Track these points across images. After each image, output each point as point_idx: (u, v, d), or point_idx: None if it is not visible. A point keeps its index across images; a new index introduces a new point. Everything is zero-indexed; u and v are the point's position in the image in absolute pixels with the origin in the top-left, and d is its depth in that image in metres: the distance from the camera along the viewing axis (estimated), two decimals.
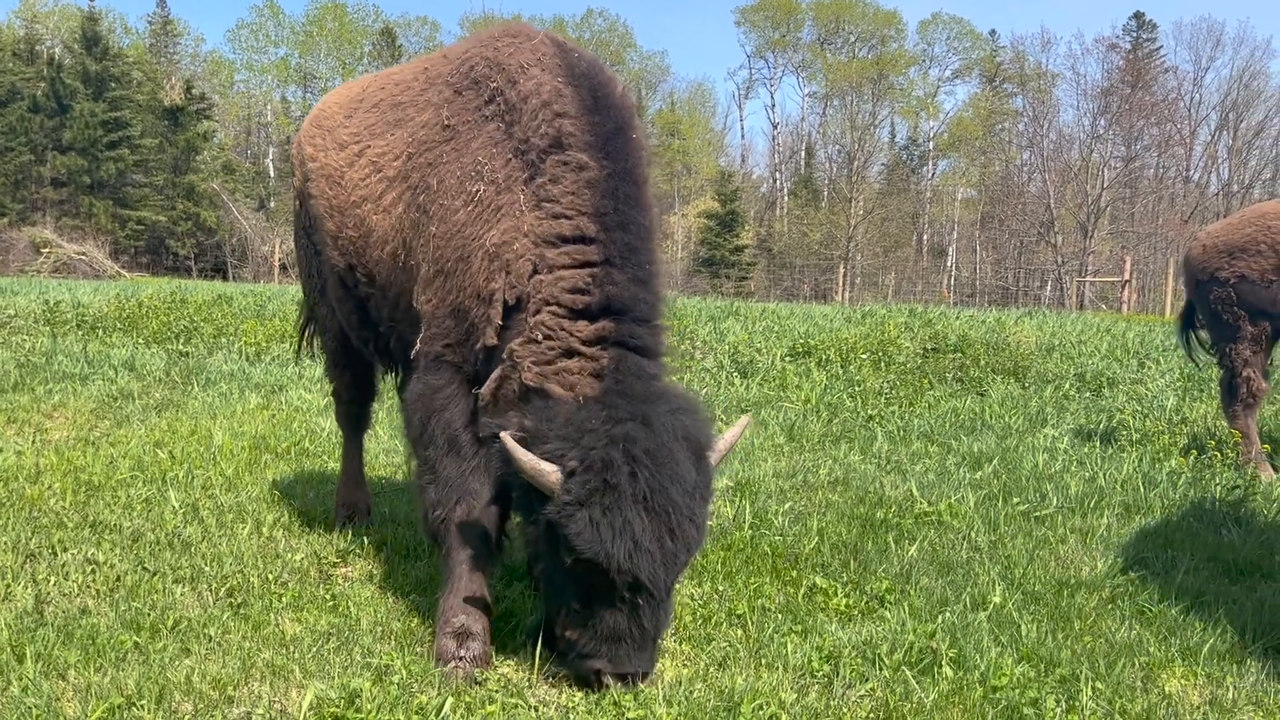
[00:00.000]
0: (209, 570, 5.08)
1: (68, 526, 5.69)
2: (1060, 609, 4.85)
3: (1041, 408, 10.81)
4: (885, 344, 14.03)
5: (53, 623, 4.32)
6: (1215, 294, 8.49)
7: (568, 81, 4.30)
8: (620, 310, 3.99)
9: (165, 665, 3.94)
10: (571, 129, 4.17)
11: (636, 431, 3.70)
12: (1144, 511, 6.81)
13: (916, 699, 3.81)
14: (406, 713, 3.56)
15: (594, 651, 3.80)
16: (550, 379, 3.92)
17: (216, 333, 15.02)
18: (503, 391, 4.06)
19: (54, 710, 3.53)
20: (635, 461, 3.64)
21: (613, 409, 3.77)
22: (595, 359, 3.93)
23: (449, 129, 4.54)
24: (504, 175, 4.26)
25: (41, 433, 8.43)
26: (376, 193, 4.85)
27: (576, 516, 3.62)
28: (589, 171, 4.10)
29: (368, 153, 5.02)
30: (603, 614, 3.75)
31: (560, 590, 3.87)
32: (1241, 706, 3.95)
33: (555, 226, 4.05)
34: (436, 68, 4.97)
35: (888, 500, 6.78)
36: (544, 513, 3.73)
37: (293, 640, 4.25)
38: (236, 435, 8.45)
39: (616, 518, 3.59)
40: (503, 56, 4.54)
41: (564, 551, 3.70)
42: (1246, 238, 8.38)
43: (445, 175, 4.43)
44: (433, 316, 4.40)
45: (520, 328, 4.05)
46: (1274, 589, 5.32)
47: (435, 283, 4.38)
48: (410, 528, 5.93)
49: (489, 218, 4.22)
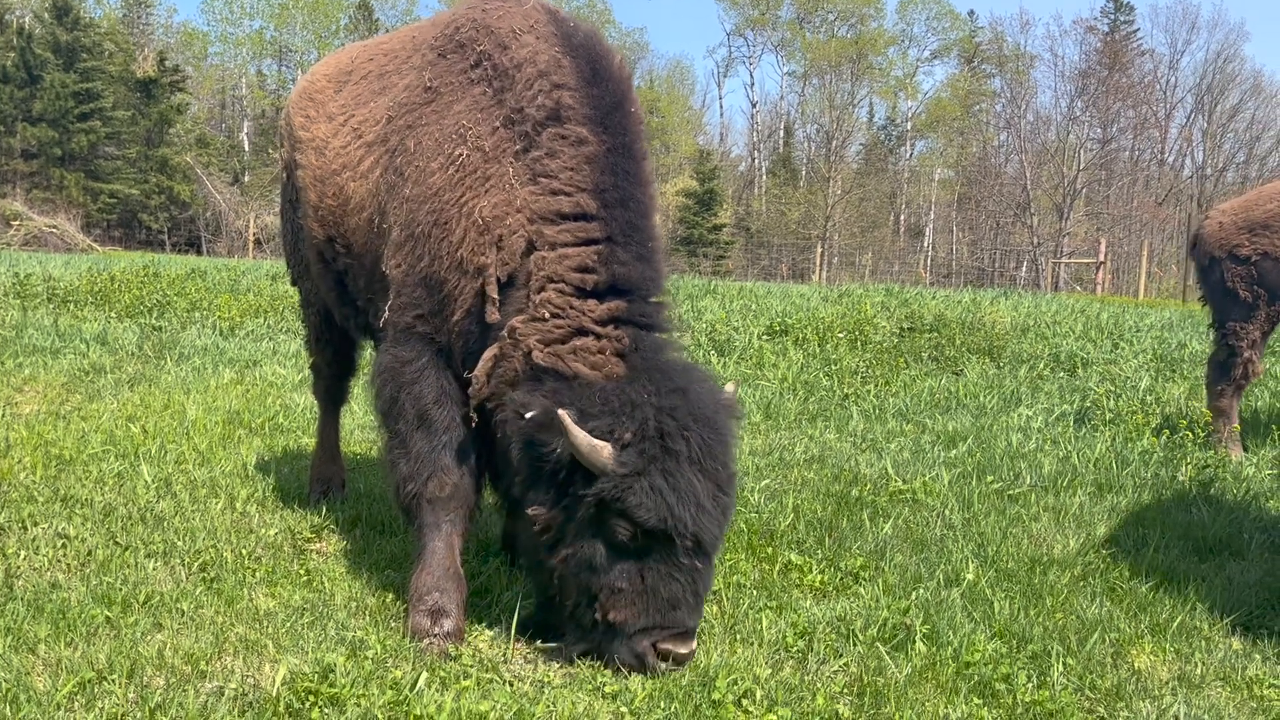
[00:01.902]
0: (182, 545, 5.04)
1: (38, 501, 5.63)
2: (1032, 586, 4.88)
3: (1016, 387, 10.88)
4: (862, 323, 14.06)
5: (22, 597, 4.27)
6: (1233, 271, 8.32)
7: (565, 51, 4.22)
8: (628, 289, 3.99)
9: (137, 640, 3.91)
10: (571, 101, 4.10)
11: (680, 401, 3.76)
12: (1116, 490, 6.87)
13: (890, 674, 3.83)
14: (381, 687, 3.55)
15: (649, 625, 3.75)
16: (570, 358, 3.87)
17: (190, 307, 14.90)
18: (499, 370, 4.00)
19: (24, 684, 3.49)
20: (687, 429, 3.70)
21: (652, 383, 3.81)
22: (615, 338, 3.92)
23: (430, 90, 4.44)
24: (491, 143, 4.16)
25: (11, 406, 8.34)
26: (355, 159, 4.78)
27: (636, 487, 3.62)
28: (588, 146, 4.05)
29: (350, 121, 4.94)
30: (658, 584, 3.72)
31: (600, 573, 3.76)
32: (1210, 682, 3.99)
33: (554, 203, 4.00)
34: (423, 34, 4.89)
35: (863, 478, 6.81)
36: (592, 491, 3.67)
37: (266, 615, 4.23)
38: (210, 410, 8.39)
39: (679, 481, 3.64)
40: (491, 20, 4.44)
41: (617, 527, 3.69)
42: (1269, 214, 8.26)
43: (423, 137, 4.34)
44: (402, 284, 4.29)
45: (518, 305, 3.99)
46: (1242, 567, 5.38)
47: (405, 247, 4.27)
48: (385, 503, 5.90)
49: (475, 185, 4.12)
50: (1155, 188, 62.19)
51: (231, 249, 50.49)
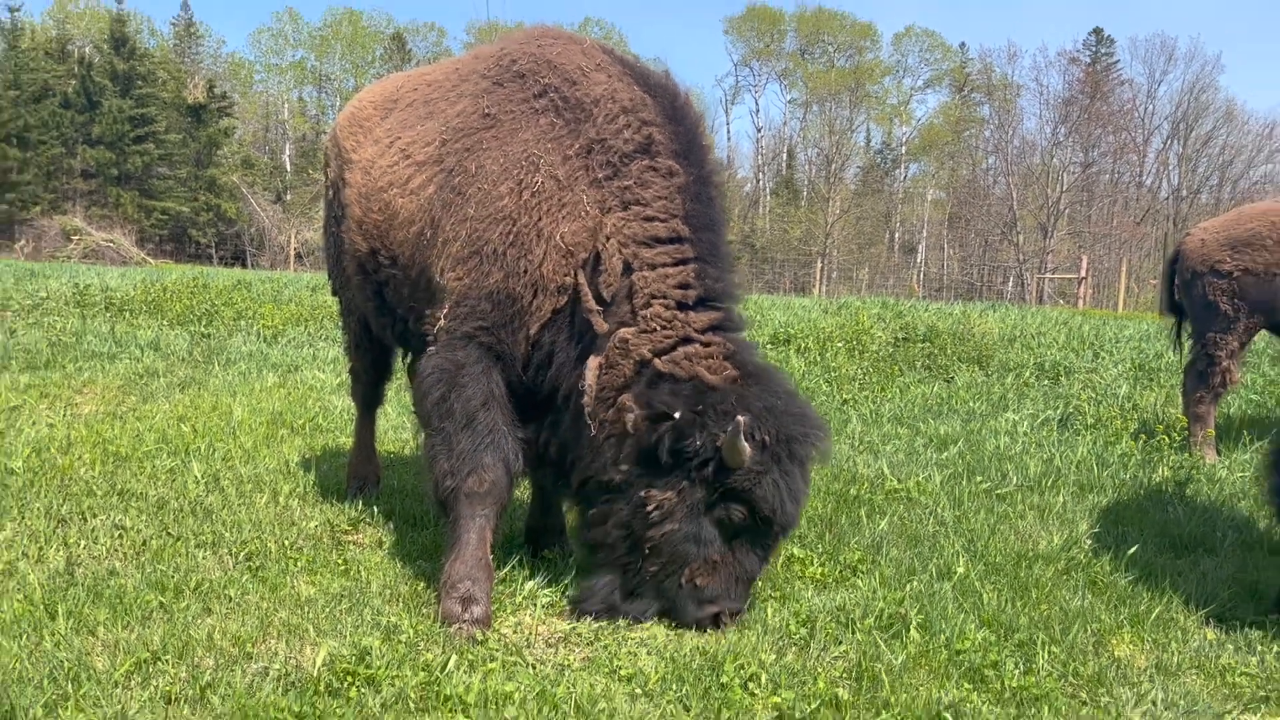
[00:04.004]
0: (229, 536, 5.07)
1: (96, 494, 5.67)
2: (1019, 579, 4.87)
3: (1003, 394, 10.83)
4: (859, 334, 14.03)
5: (83, 583, 4.31)
6: (1215, 286, 8.26)
7: (646, 90, 4.37)
8: (718, 300, 4.22)
9: (188, 623, 3.93)
10: (660, 137, 4.25)
11: (795, 405, 4.09)
12: (1097, 490, 6.84)
13: (886, 660, 3.82)
14: (414, 669, 3.57)
15: (718, 594, 4.07)
16: (687, 364, 4.08)
17: (236, 316, 14.96)
18: (606, 376, 4.14)
19: (85, 664, 3.52)
20: (806, 436, 4.04)
21: (768, 389, 4.08)
22: (718, 344, 4.16)
23: (488, 116, 4.48)
24: (564, 171, 4.23)
25: (72, 407, 8.40)
26: (404, 178, 4.77)
27: (764, 481, 3.92)
28: (678, 178, 4.22)
29: (398, 142, 4.94)
30: (741, 558, 4.07)
31: (701, 545, 4.02)
32: (1185, 670, 3.98)
33: (649, 228, 4.17)
34: (468, 65, 4.92)
35: (860, 478, 6.80)
36: (728, 481, 3.93)
37: (307, 601, 4.25)
38: (255, 411, 8.42)
39: (793, 481, 3.99)
40: (551, 55, 4.52)
41: (733, 511, 3.98)
42: (1250, 232, 8.20)
43: (485, 160, 4.36)
44: (464, 295, 4.31)
45: (621, 318, 4.14)
46: (1215, 562, 5.36)
47: (470, 263, 4.29)
48: (416, 499, 5.93)
49: (552, 211, 4.20)
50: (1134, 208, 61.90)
51: (274, 262, 50.68)
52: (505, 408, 4.30)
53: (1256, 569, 5.24)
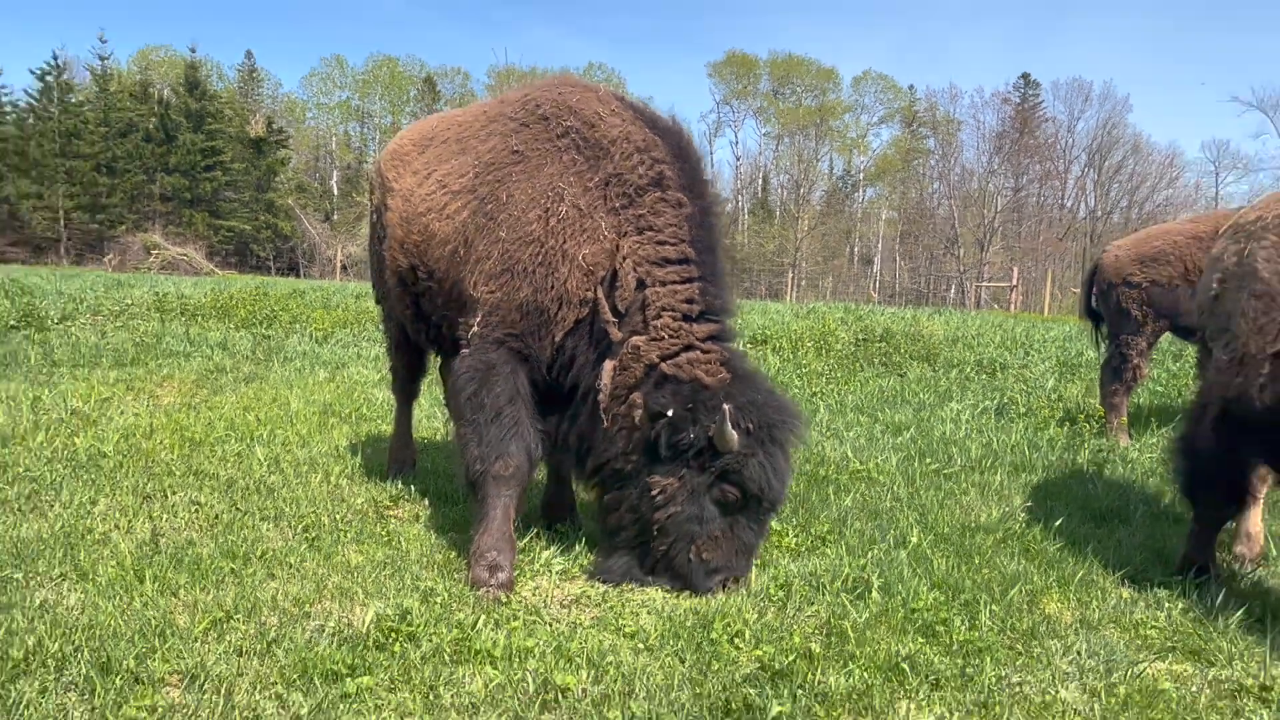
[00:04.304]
0: (289, 511, 5.06)
1: (175, 474, 5.65)
2: (964, 547, 4.87)
3: (948, 387, 10.83)
4: (826, 335, 14.02)
5: (165, 551, 4.30)
6: (1127, 295, 8.29)
7: (656, 133, 4.36)
8: (717, 314, 4.23)
9: (255, 587, 3.92)
10: (669, 173, 4.25)
11: (775, 399, 4.12)
12: (1028, 470, 6.84)
13: (852, 618, 3.82)
14: (448, 626, 3.56)
15: (723, 565, 4.07)
16: (690, 368, 4.09)
17: (292, 320, 14.91)
18: (619, 377, 4.15)
19: (169, 621, 3.51)
20: (784, 423, 4.07)
21: (753, 386, 4.10)
22: (717, 352, 4.15)
23: (517, 153, 4.47)
24: (585, 201, 4.23)
25: (154, 399, 8.37)
26: (440, 204, 4.74)
27: (751, 463, 3.95)
28: (686, 208, 4.22)
29: (435, 174, 4.91)
30: (740, 533, 4.07)
31: (704, 524, 4.04)
32: (1104, 624, 3.98)
33: (661, 251, 4.17)
34: (495, 109, 4.90)
35: (828, 460, 6.79)
36: (719, 464, 3.96)
37: (356, 568, 4.24)
38: (308, 403, 8.40)
39: (777, 462, 4.02)
40: (571, 101, 4.51)
41: (727, 491, 4.00)
42: (1157, 250, 8.22)
43: (515, 190, 4.35)
44: (496, 306, 4.29)
45: (634, 327, 4.16)
46: (1129, 531, 5.37)
47: (502, 279, 4.28)
48: (448, 479, 5.91)
49: (575, 236, 4.19)
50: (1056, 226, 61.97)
51: (323, 273, 50.52)
52: (528, 403, 4.29)
53: (1163, 537, 5.24)
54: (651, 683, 3.22)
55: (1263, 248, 4.08)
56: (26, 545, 4.30)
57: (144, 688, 3.04)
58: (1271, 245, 4.04)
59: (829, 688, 3.22)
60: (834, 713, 3.10)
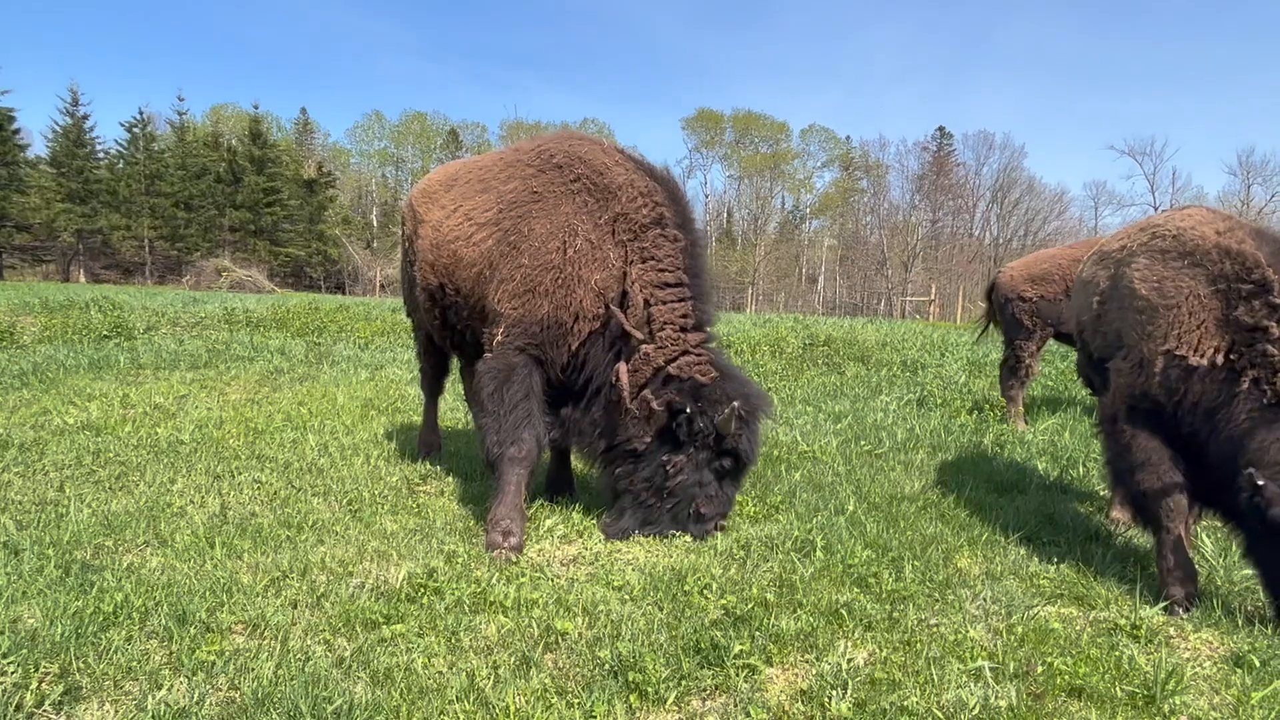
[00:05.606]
0: (335, 488, 5.02)
1: (241, 458, 5.61)
2: (891, 514, 4.88)
3: (879, 382, 10.86)
4: (778, 340, 14.03)
5: (232, 522, 4.27)
6: (1019, 307, 8.35)
7: (654, 179, 4.45)
8: (704, 326, 4.35)
9: (307, 551, 3.90)
10: (667, 213, 4.34)
11: (751, 389, 4.28)
12: (944, 450, 6.86)
13: (800, 573, 3.82)
14: (468, 582, 3.55)
15: (715, 514, 4.26)
16: (689, 369, 4.22)
17: (339, 329, 14.81)
18: (633, 378, 4.23)
19: (235, 579, 3.49)
20: (760, 408, 4.25)
21: (737, 381, 4.26)
22: (707, 355, 4.30)
23: (537, 194, 4.49)
24: (595, 236, 4.30)
25: (223, 395, 8.30)
26: (467, 234, 4.73)
27: (742, 439, 4.16)
28: (680, 242, 4.34)
29: (461, 209, 4.89)
30: (727, 490, 4.28)
31: (703, 487, 4.21)
32: (1005, 576, 3.99)
33: (662, 276, 4.29)
34: (511, 156, 4.89)
35: (780, 443, 6.79)
36: (723, 444, 4.14)
37: (391, 534, 4.21)
38: (352, 398, 8.35)
39: (756, 434, 4.24)
40: (581, 152, 4.57)
41: (724, 462, 4.18)
42: (1044, 271, 8.29)
43: (535, 225, 4.37)
44: (518, 321, 4.30)
45: (643, 338, 4.26)
46: (1025, 499, 5.39)
47: (525, 297, 4.30)
48: (468, 460, 5.88)
49: (588, 264, 4.26)
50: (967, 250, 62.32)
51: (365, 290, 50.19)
52: (539, 399, 4.33)
53: (1053, 504, 5.27)
54: (635, 627, 3.21)
55: (1136, 270, 4.10)
56: (115, 518, 4.26)
57: (214, 635, 3.01)
58: (1144, 267, 4.07)
59: (781, 630, 3.21)
60: (785, 650, 3.10)
